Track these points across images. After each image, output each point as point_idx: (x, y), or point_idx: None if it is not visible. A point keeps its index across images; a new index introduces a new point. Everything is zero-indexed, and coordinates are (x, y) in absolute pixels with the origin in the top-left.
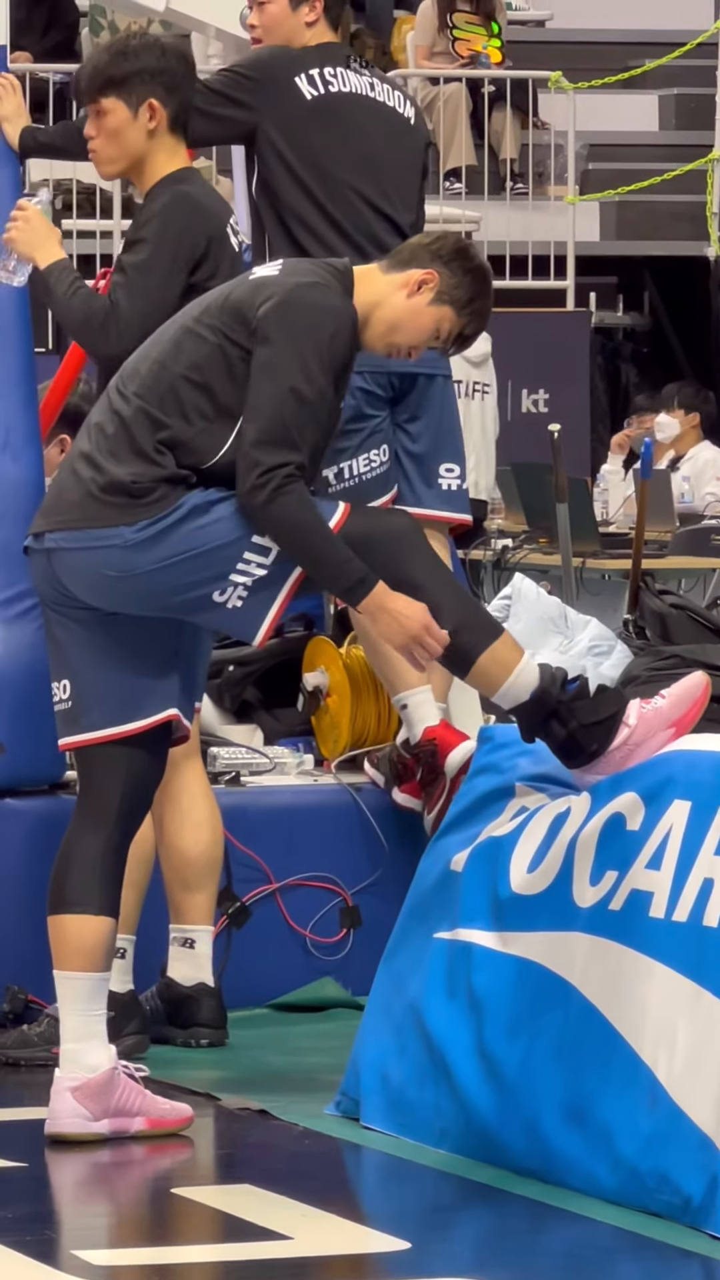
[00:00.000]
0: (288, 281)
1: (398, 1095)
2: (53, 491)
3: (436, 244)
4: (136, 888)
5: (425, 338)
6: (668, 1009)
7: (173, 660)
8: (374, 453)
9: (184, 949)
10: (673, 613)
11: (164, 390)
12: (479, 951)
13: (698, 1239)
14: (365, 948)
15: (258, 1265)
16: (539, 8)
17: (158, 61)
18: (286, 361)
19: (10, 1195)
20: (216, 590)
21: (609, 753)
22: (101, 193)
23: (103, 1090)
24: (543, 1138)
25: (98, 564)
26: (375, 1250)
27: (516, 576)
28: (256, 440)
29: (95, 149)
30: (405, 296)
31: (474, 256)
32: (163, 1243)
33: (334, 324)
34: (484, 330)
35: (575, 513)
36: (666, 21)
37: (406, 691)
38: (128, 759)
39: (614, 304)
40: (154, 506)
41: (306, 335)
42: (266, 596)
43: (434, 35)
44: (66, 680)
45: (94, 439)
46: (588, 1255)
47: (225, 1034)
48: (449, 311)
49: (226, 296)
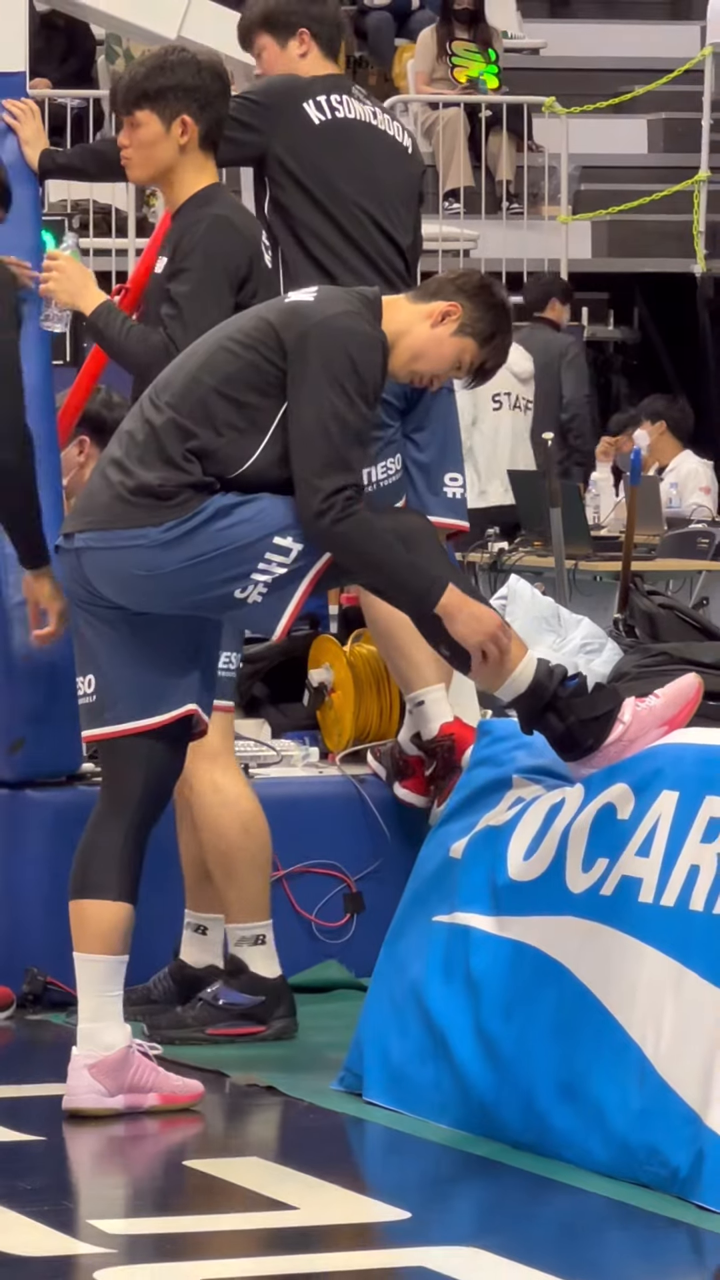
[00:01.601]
0: (323, 310)
1: (399, 1072)
2: (84, 494)
3: (462, 279)
4: (262, 875)
5: (447, 367)
6: (656, 990)
7: (194, 657)
8: (390, 461)
9: (196, 934)
10: (661, 612)
11: (195, 402)
12: (477, 935)
13: (685, 1209)
14: (368, 932)
15: (265, 1234)
16: (534, 36)
17: (193, 79)
18: (327, 390)
19: (29, 1167)
20: (238, 588)
21: (604, 748)
22: (117, 212)
23: (118, 1067)
24: (538, 1113)
25: (125, 563)
26: (377, 1220)
27: (512, 578)
28: (313, 469)
29: (128, 157)
30: (430, 327)
31: (497, 293)
32: (175, 1212)
33: (369, 352)
34: (502, 364)
35: (568, 517)
36: (655, 50)
37: (424, 689)
38: (149, 751)
39: (605, 319)
40: (180, 509)
41: (343, 363)
42: (285, 593)
43: (433, 62)
44: (92, 675)
45: (125, 446)
46: (581, 1225)
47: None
48: (471, 344)
49: (261, 316)
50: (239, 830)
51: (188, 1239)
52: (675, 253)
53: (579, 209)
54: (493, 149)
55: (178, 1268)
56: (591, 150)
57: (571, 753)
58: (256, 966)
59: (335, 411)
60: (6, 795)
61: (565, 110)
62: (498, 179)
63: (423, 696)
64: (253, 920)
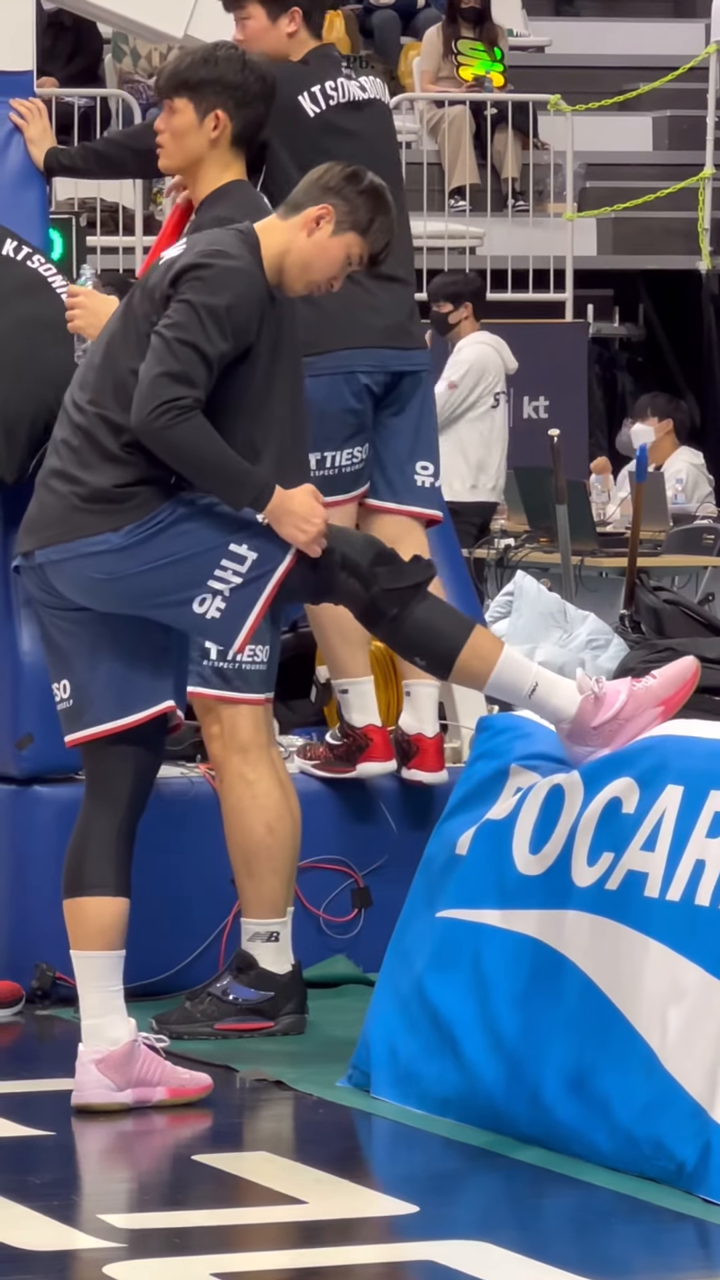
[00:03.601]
0: (189, 257)
1: (406, 1068)
2: (33, 510)
3: (324, 176)
4: (282, 874)
5: (339, 268)
6: (662, 984)
7: (164, 655)
8: (357, 449)
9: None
10: (666, 608)
11: (112, 390)
12: (483, 930)
13: (691, 1202)
14: (375, 927)
15: (273, 1228)
16: (539, 34)
17: (235, 75)
18: (185, 320)
19: (38, 1162)
20: (196, 600)
21: (600, 726)
22: (124, 210)
23: (125, 1062)
24: (544, 1107)
25: (88, 569)
26: (385, 1214)
27: (518, 574)
28: (154, 377)
29: (161, 143)
30: (307, 236)
31: (362, 178)
32: (183, 1207)
33: (232, 290)
34: (391, 244)
35: (574, 514)
36: (660, 48)
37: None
38: (131, 750)
39: (610, 315)
40: (137, 510)
41: (204, 300)
42: (242, 608)
43: (439, 61)
44: (66, 680)
45: (63, 456)
46: (587, 1218)
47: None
48: (353, 237)
49: (143, 286)
50: (264, 829)
51: (196, 1233)
52: (680, 250)
53: (584, 206)
54: (498, 147)
55: (186, 1262)
56: (597, 148)
57: (376, 625)
58: (266, 962)
59: (191, 341)
60: (14, 791)
61: (570, 108)
62: (503, 176)
63: (348, 685)
64: (268, 917)
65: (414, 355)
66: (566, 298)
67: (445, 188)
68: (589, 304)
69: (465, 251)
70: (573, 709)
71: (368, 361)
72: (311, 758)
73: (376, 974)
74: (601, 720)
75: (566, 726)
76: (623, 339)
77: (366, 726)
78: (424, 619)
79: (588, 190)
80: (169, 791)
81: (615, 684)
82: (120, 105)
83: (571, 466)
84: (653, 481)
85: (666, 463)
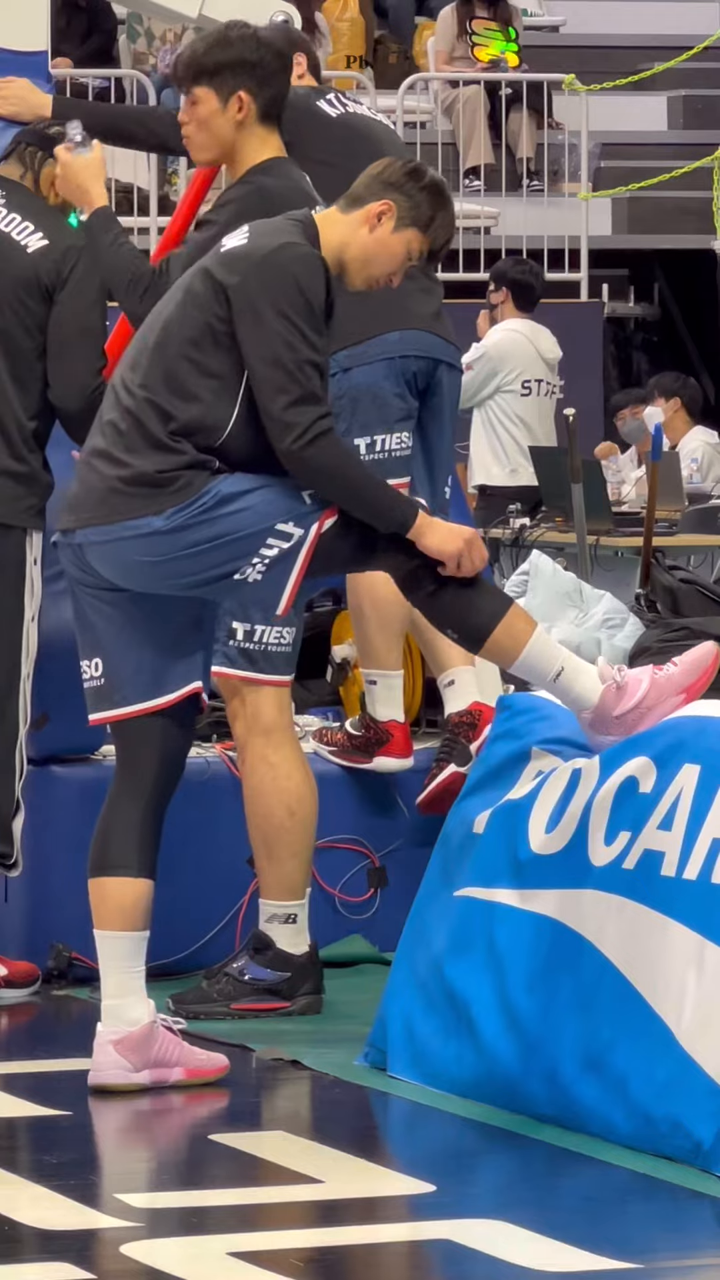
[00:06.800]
0: (260, 247)
1: (423, 1047)
2: (75, 489)
3: (385, 172)
4: (301, 857)
5: (399, 264)
6: (679, 963)
7: (195, 635)
8: (404, 434)
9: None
10: (682, 587)
11: (163, 375)
12: (500, 909)
13: (708, 1181)
14: (392, 906)
15: (290, 1207)
16: (553, 14)
17: (252, 54)
18: (276, 324)
19: (56, 1142)
20: (237, 571)
21: (622, 716)
22: (139, 191)
23: (143, 1043)
24: (561, 1086)
25: (129, 552)
26: (402, 1193)
27: (534, 553)
28: (280, 406)
29: (188, 135)
30: (369, 231)
31: (424, 174)
32: (200, 1186)
33: (311, 277)
34: (451, 238)
35: (589, 493)
36: (675, 26)
37: (378, 670)
38: (161, 730)
39: (625, 295)
40: (180, 494)
41: (289, 295)
42: (284, 569)
43: (454, 41)
44: (98, 659)
45: (109, 437)
46: (604, 1197)
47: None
48: (414, 233)
49: (204, 270)
50: (285, 813)
51: (213, 1213)
52: (695, 229)
53: (599, 186)
54: (513, 126)
55: (203, 1241)
56: (611, 127)
57: (414, 594)
58: (283, 943)
59: (289, 344)
60: (31, 771)
61: (585, 88)
62: (518, 156)
63: (378, 677)
64: (286, 899)
65: (451, 348)
66: (581, 277)
67: (460, 168)
68: (604, 284)
69: (480, 231)
70: (595, 698)
71: (415, 345)
72: (329, 743)
73: (392, 953)
74: (623, 710)
75: (588, 715)
76: (638, 319)
77: (389, 721)
78: (463, 593)
79: (603, 170)
80: (185, 772)
81: (637, 672)
82: (135, 85)
83: (587, 445)
84: (668, 461)
85: (681, 442)
